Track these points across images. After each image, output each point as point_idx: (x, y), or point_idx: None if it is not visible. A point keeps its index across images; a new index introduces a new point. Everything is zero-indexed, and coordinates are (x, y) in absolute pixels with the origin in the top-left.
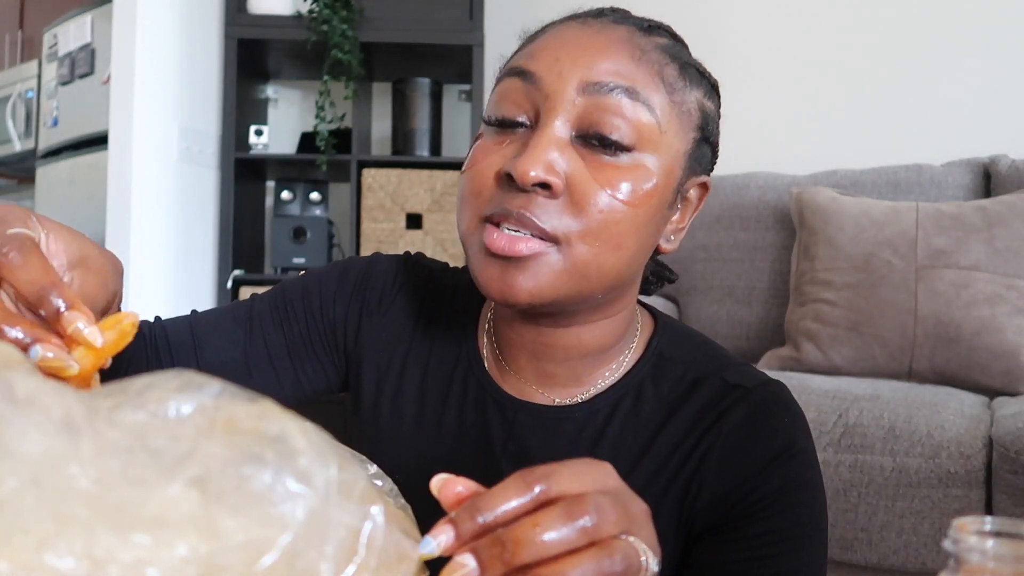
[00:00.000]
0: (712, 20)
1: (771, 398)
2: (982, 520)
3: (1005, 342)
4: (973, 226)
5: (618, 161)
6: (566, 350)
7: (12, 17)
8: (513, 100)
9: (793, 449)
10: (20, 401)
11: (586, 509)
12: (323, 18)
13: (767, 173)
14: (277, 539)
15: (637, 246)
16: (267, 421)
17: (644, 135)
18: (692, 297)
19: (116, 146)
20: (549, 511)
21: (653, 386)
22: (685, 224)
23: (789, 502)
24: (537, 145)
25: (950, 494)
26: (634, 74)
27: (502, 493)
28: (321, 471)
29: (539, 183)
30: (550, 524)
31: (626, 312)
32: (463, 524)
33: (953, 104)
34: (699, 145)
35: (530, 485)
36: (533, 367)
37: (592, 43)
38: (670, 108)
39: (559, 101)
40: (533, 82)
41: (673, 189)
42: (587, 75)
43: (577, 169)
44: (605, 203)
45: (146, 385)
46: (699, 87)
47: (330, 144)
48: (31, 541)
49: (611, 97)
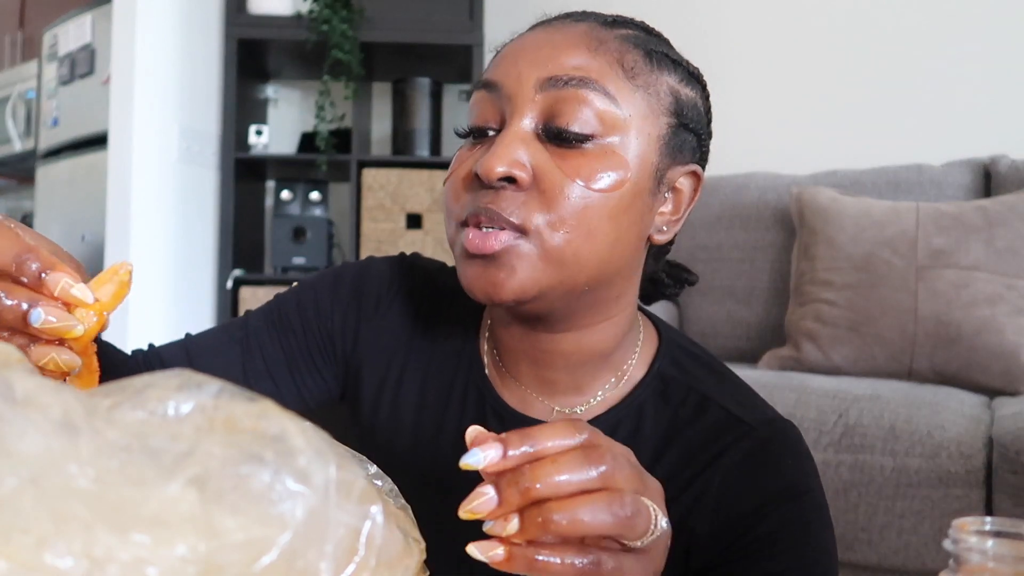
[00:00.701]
0: (712, 20)
1: (776, 437)
2: (982, 520)
3: (1005, 342)
4: (973, 226)
5: (584, 149)
6: (565, 356)
7: (12, 17)
8: (480, 110)
9: (794, 491)
10: (19, 400)
11: (603, 458)
12: (323, 18)
13: (767, 173)
14: (276, 538)
15: (614, 234)
16: (266, 420)
17: (607, 122)
18: (692, 297)
19: (116, 146)
20: (568, 453)
21: (654, 410)
22: (680, 215)
23: (790, 544)
24: (501, 143)
25: (950, 494)
26: (589, 64)
27: (552, 430)
28: (320, 470)
29: (504, 177)
30: (568, 464)
31: (624, 315)
32: (513, 444)
33: (953, 104)
34: (677, 132)
35: (579, 430)
36: (533, 374)
37: (549, 42)
38: (632, 93)
39: (520, 101)
40: (496, 89)
41: (651, 176)
42: (543, 72)
43: (543, 161)
44: (572, 191)
45: (145, 384)
46: (671, 73)
47: (330, 144)
48: (30, 540)
49: (567, 89)
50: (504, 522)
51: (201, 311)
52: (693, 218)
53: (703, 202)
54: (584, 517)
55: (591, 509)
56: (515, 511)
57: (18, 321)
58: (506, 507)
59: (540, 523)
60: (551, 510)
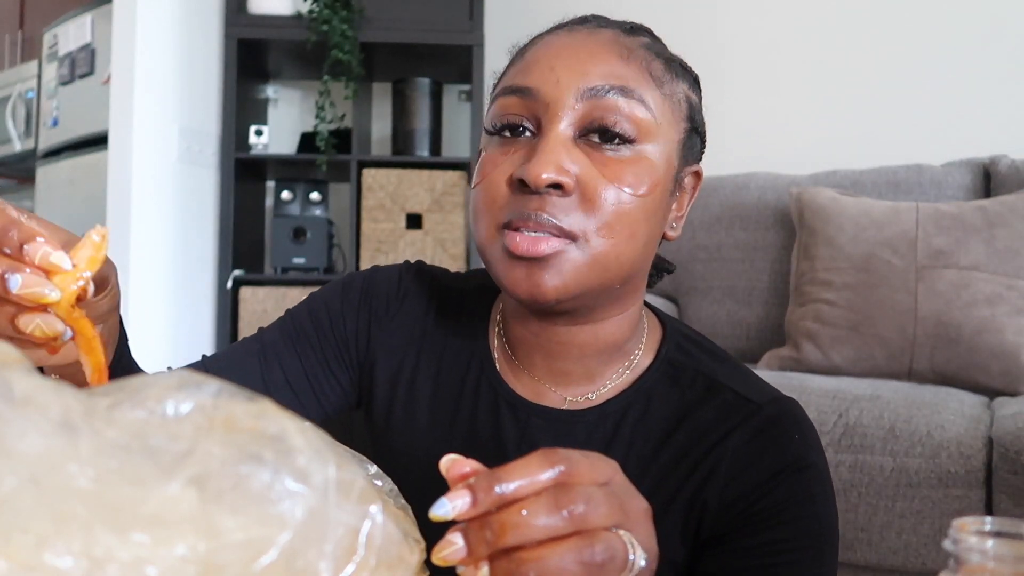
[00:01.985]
0: (712, 21)
1: (782, 415)
2: (982, 520)
3: (1005, 342)
4: (973, 226)
5: (621, 156)
6: (581, 347)
7: (12, 17)
8: (514, 112)
9: (802, 463)
10: (18, 400)
11: (575, 499)
12: (323, 18)
13: (767, 173)
14: (276, 538)
15: (648, 234)
16: (265, 420)
17: (642, 128)
18: (692, 297)
19: (116, 146)
20: (538, 498)
21: (663, 392)
22: (684, 211)
23: (796, 514)
24: (545, 149)
25: (950, 494)
26: (625, 73)
27: (524, 468)
28: (319, 470)
29: (552, 184)
30: (537, 510)
31: (636, 307)
32: (481, 491)
33: (953, 104)
34: (690, 135)
35: (552, 463)
36: (547, 365)
37: (583, 48)
38: (662, 101)
39: (560, 107)
40: (531, 95)
41: (672, 178)
42: (583, 81)
43: (585, 167)
44: (615, 196)
45: (145, 384)
46: (684, 80)
47: (330, 144)
48: (30, 540)
49: (608, 98)
50: (475, 569)
51: (201, 311)
52: (693, 218)
53: (703, 202)
54: (553, 567)
55: (560, 559)
56: (485, 559)
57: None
58: (475, 556)
59: (509, 572)
60: (520, 560)
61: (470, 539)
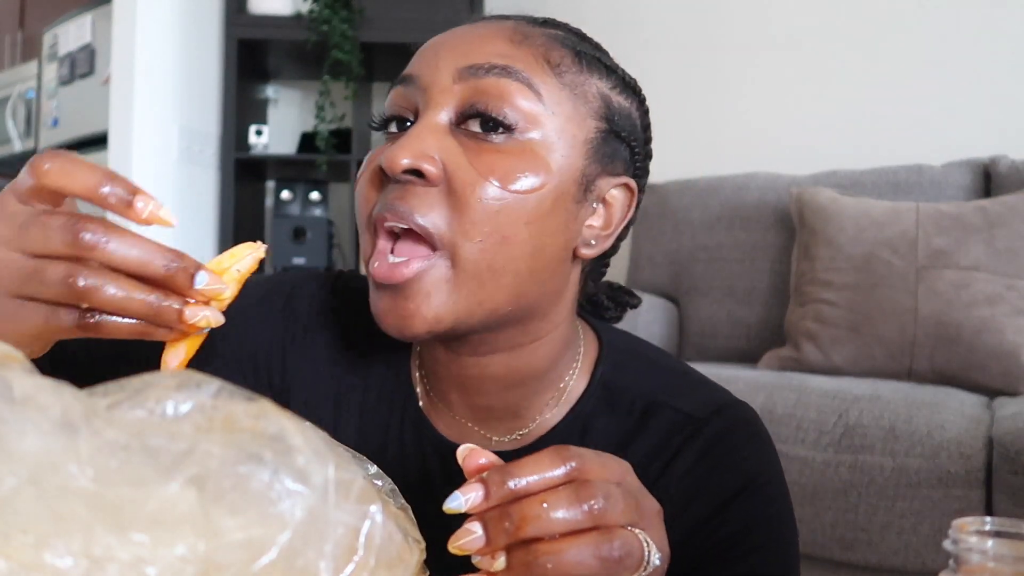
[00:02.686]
0: (713, 21)
1: (728, 430)
2: (982, 520)
3: (1005, 342)
4: (973, 226)
5: (501, 145)
6: (495, 380)
7: (12, 17)
8: (396, 104)
9: (753, 485)
10: (18, 400)
11: (594, 494)
12: (323, 18)
13: (767, 173)
14: (275, 538)
15: (531, 242)
16: (265, 420)
17: (528, 117)
18: (692, 297)
19: (116, 146)
20: (558, 491)
21: (601, 422)
22: (612, 230)
23: (754, 543)
24: (410, 134)
25: (950, 494)
26: (512, 54)
27: (536, 463)
28: (319, 470)
29: (410, 170)
30: (558, 503)
31: (558, 334)
32: (494, 484)
33: (953, 104)
34: (607, 138)
35: (565, 460)
36: (465, 401)
37: (470, 34)
38: (559, 90)
39: (435, 91)
40: (412, 82)
41: (576, 181)
42: (463, 61)
43: (454, 156)
44: (485, 191)
45: (144, 384)
46: (602, 78)
47: (330, 144)
48: (30, 540)
49: (488, 78)
50: (491, 559)
51: None
52: (693, 218)
53: (703, 202)
54: (571, 560)
55: (579, 552)
56: (502, 549)
57: (186, 282)
58: (493, 546)
59: (527, 563)
60: (538, 552)
61: (489, 529)
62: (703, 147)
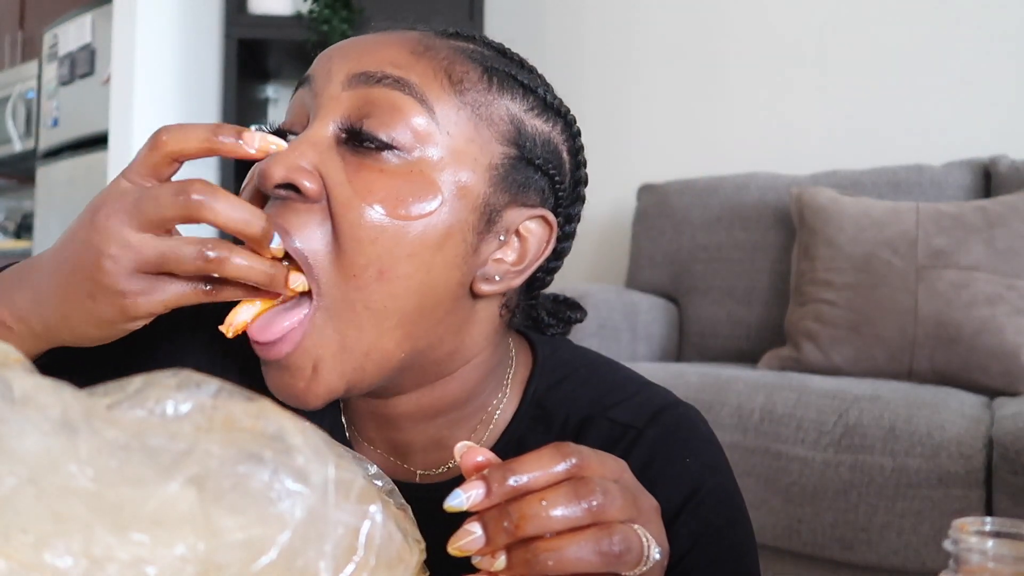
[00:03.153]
0: (713, 21)
1: (666, 435)
2: (982, 520)
3: (1005, 342)
4: (973, 226)
5: (386, 165)
6: (409, 416)
7: (12, 17)
8: (291, 111)
9: (699, 494)
10: (18, 400)
11: (593, 491)
12: (323, 18)
13: (767, 173)
14: (275, 538)
15: (416, 277)
16: (264, 420)
17: (419, 134)
18: (692, 297)
19: (116, 146)
20: (557, 489)
21: (533, 443)
22: (524, 266)
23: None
24: (290, 145)
25: (950, 494)
26: (410, 66)
27: (537, 459)
28: (319, 470)
29: (283, 184)
30: (557, 501)
31: (472, 366)
32: (495, 481)
33: (953, 104)
34: (517, 165)
35: (565, 456)
36: (383, 437)
37: (371, 40)
38: (458, 110)
39: (324, 98)
40: (307, 85)
41: (476, 210)
42: (355, 67)
43: (333, 172)
44: (362, 214)
45: (144, 383)
46: (515, 99)
47: None
48: (30, 540)
49: (378, 88)
50: (492, 558)
51: None
52: (693, 218)
53: (703, 202)
54: (572, 557)
55: (579, 549)
56: (502, 549)
57: (267, 244)
58: (493, 545)
59: (527, 562)
60: (539, 550)
61: (489, 529)
62: (703, 147)
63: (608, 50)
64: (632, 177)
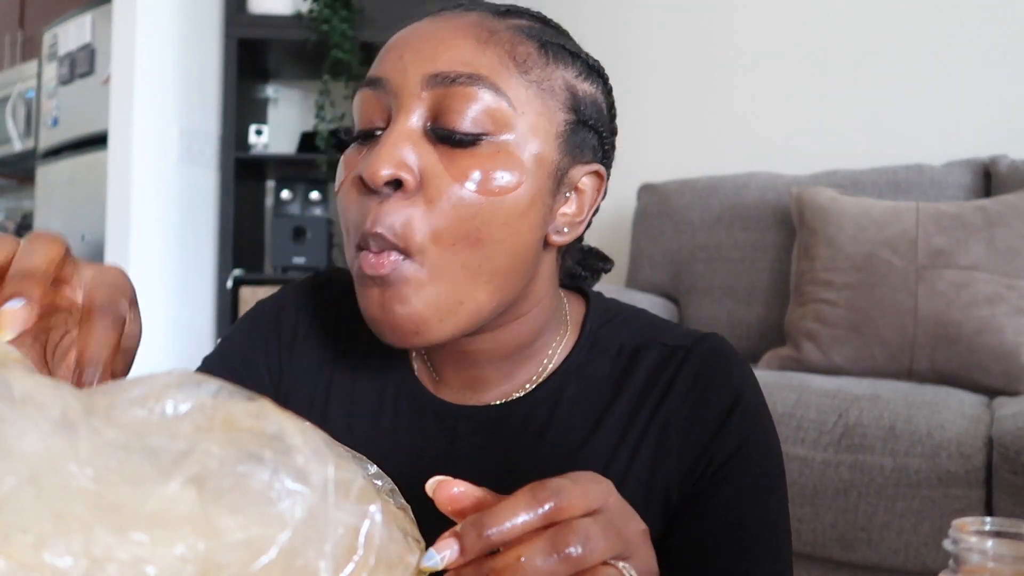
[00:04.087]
0: (713, 21)
1: (712, 352)
2: (982, 520)
3: (1005, 342)
4: (973, 226)
5: (474, 150)
6: (488, 353)
7: (12, 17)
8: (365, 110)
9: (742, 402)
10: (17, 400)
11: (571, 540)
12: (323, 18)
13: (767, 173)
14: (275, 537)
15: (511, 241)
16: (264, 420)
17: (498, 120)
18: (692, 297)
19: (116, 146)
20: (535, 542)
21: (593, 366)
22: (584, 216)
23: (749, 460)
24: (386, 143)
25: (950, 494)
26: (478, 59)
27: (511, 508)
28: (318, 469)
29: (389, 181)
30: (535, 555)
31: (539, 309)
32: (468, 538)
33: (953, 104)
34: (576, 128)
35: (541, 501)
36: (461, 375)
37: (436, 34)
38: (526, 88)
39: (405, 97)
40: (381, 86)
41: (550, 175)
42: (430, 67)
43: (430, 163)
44: (458, 196)
45: (144, 383)
46: (568, 67)
47: (330, 144)
48: (30, 539)
49: (455, 87)
50: None
51: (201, 311)
52: (693, 218)
53: (703, 202)
54: None
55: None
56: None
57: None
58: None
59: None
60: None
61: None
62: (703, 147)
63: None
64: (632, 177)
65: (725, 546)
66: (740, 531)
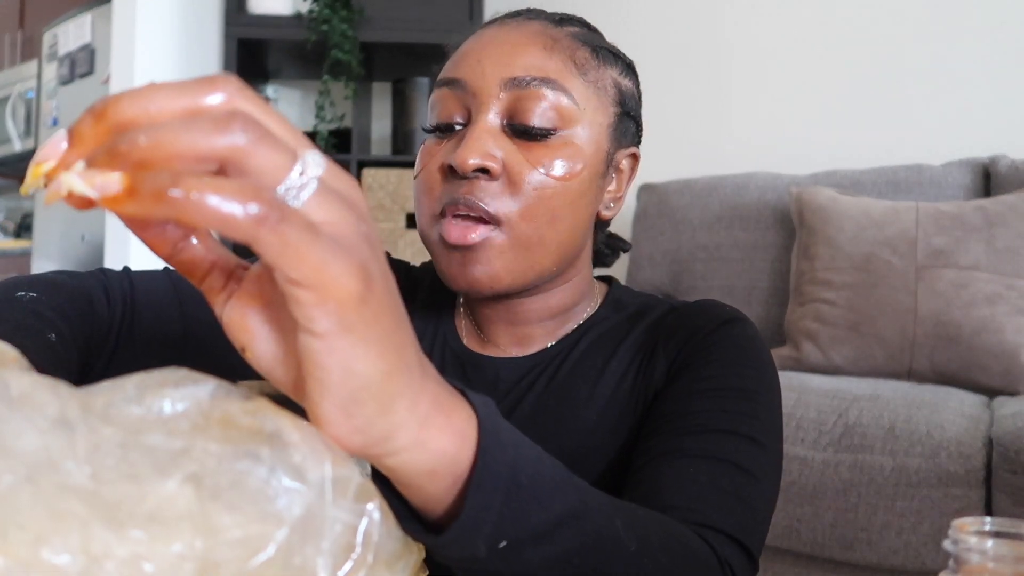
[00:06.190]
0: (713, 21)
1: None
2: (982, 520)
3: (1005, 342)
4: (973, 226)
5: (547, 142)
6: (538, 312)
7: (12, 17)
8: (445, 106)
9: (737, 323)
10: (15, 398)
11: (243, 126)
12: (323, 18)
13: (767, 173)
14: (273, 535)
15: (574, 217)
16: (262, 418)
17: (565, 116)
18: (692, 297)
19: None
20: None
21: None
22: (623, 192)
23: (740, 355)
24: (472, 136)
25: (950, 494)
26: (548, 63)
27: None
28: (316, 467)
29: (478, 168)
30: (184, 126)
31: (581, 276)
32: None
33: (953, 104)
34: (621, 119)
35: (215, 86)
36: (510, 332)
37: (508, 40)
38: (585, 88)
39: (486, 97)
40: (461, 87)
41: (603, 160)
42: (507, 72)
43: (510, 153)
44: (538, 181)
45: (141, 382)
46: (614, 66)
47: (330, 144)
48: (28, 537)
49: (530, 89)
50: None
51: None
52: (693, 218)
53: (703, 202)
54: (170, 138)
55: (188, 135)
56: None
57: None
58: (83, 149)
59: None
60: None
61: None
62: (703, 147)
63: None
64: None
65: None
66: (724, 421)
